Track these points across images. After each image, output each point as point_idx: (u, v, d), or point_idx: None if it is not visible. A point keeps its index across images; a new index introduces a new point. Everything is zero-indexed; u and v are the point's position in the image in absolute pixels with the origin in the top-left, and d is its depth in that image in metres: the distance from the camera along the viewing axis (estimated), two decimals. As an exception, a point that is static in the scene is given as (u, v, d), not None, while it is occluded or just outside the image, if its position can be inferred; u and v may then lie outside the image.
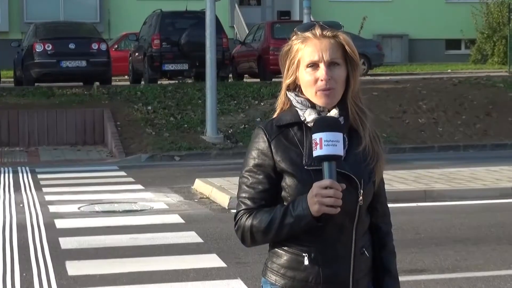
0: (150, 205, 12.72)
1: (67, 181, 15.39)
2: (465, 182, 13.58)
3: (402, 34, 38.59)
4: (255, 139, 3.24)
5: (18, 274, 8.58)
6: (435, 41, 38.82)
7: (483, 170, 14.85)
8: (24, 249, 9.70)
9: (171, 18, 25.43)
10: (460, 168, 15.29)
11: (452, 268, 8.73)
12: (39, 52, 23.65)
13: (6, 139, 20.59)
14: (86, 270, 8.77)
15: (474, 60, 37.71)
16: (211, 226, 10.95)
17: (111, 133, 20.12)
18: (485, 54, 37.67)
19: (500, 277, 8.35)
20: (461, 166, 15.67)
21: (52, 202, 12.98)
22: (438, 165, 15.96)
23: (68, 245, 9.95)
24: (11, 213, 11.99)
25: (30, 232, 10.71)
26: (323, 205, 3.04)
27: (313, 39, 3.21)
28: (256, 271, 7.85)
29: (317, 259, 3.18)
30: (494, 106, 21.91)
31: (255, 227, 3.17)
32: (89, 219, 11.71)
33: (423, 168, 15.38)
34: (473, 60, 37.82)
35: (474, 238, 10.09)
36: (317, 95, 3.19)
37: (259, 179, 3.21)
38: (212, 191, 13.22)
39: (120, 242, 10.11)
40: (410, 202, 12.37)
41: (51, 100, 21.86)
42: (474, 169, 15.04)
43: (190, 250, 9.62)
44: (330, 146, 3.05)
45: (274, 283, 3.25)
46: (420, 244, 9.67)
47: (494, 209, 12.03)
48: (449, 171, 14.80)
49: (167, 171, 16.76)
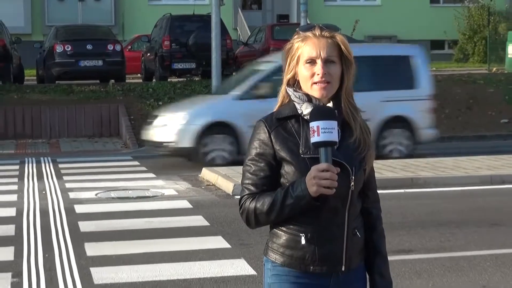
0: (161, 192, 12.73)
1: (86, 170, 15.40)
2: (449, 170, 13.58)
3: (391, 35, 38.56)
4: (256, 131, 3.26)
5: (41, 255, 8.61)
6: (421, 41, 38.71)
7: (465, 159, 14.85)
8: (47, 232, 9.72)
9: (180, 21, 25.41)
10: (444, 157, 15.29)
11: (436, 248, 8.74)
12: (59, 53, 23.66)
13: (29, 132, 20.62)
14: (103, 251, 8.79)
15: (457, 59, 37.69)
16: (217, 211, 10.96)
17: (125, 126, 20.14)
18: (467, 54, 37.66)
19: (480, 256, 8.36)
20: (444, 155, 15.66)
21: (72, 189, 13.00)
22: (423, 154, 15.95)
23: (87, 228, 9.97)
24: (35, 200, 12.01)
25: (52, 216, 10.73)
26: (321, 186, 3.06)
27: (313, 38, 3.23)
28: (258, 251, 7.87)
29: (313, 239, 3.20)
30: (475, 101, 21.90)
31: (259, 209, 3.19)
32: (106, 205, 11.72)
33: (409, 157, 15.38)
34: (455, 59, 37.80)
35: (456, 221, 10.10)
36: (313, 87, 3.22)
37: (260, 166, 3.23)
38: (217, 179, 13.23)
39: (134, 225, 10.13)
40: (398, 189, 12.37)
41: (71, 96, 21.88)
42: (456, 158, 15.04)
43: (198, 233, 9.63)
44: (327, 133, 3.08)
45: (274, 261, 3.27)
46: (407, 227, 9.69)
47: (475, 195, 12.04)
48: (433, 160, 14.80)
49: (177, 160, 16.75)
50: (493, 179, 12.99)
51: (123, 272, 7.87)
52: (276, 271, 3.26)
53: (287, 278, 3.24)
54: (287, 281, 3.24)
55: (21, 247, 8.97)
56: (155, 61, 25.07)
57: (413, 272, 7.68)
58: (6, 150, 18.98)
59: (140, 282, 7.54)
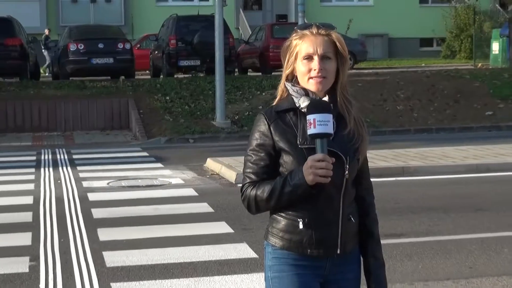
0: (168, 181, 12.74)
1: (98, 160, 15.42)
2: (437, 159, 13.59)
3: (383, 33, 38.55)
4: (257, 123, 3.26)
5: (57, 240, 8.61)
6: (411, 39, 38.79)
7: (452, 149, 14.85)
8: (62, 219, 9.73)
9: (185, 21, 25.40)
10: (432, 147, 15.29)
11: (426, 232, 8.75)
12: (72, 51, 23.67)
13: (45, 125, 20.64)
14: (114, 235, 8.80)
15: (444, 56, 37.71)
16: (221, 198, 10.97)
17: (135, 120, 20.15)
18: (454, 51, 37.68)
19: (466, 239, 8.37)
20: (433, 146, 15.67)
21: (85, 178, 13.01)
22: (413, 145, 15.96)
23: (99, 215, 9.98)
24: (51, 188, 12.02)
25: (67, 204, 10.74)
26: (317, 175, 3.06)
27: (310, 36, 3.22)
28: (259, 236, 7.87)
29: (310, 224, 3.20)
30: (462, 94, 21.90)
31: (259, 197, 3.19)
32: (117, 193, 11.73)
33: (401, 148, 15.39)
34: (443, 55, 37.81)
35: (444, 207, 10.10)
36: (310, 82, 3.21)
37: (261, 156, 3.23)
38: (221, 168, 13.24)
39: (143, 212, 10.14)
40: (390, 177, 12.38)
41: (84, 91, 21.88)
42: (444, 148, 15.04)
43: (203, 219, 9.64)
44: (322, 125, 3.08)
45: (274, 245, 3.27)
46: (398, 213, 9.69)
47: (462, 183, 12.04)
48: (423, 150, 14.80)
49: (183, 151, 16.78)
50: (479, 167, 12.99)
51: (133, 255, 7.87)
52: (276, 254, 3.26)
53: (286, 260, 3.24)
54: (286, 263, 3.24)
55: (38, 232, 8.98)
56: (163, 58, 25.08)
57: (404, 255, 7.69)
58: (24, 142, 19.00)
59: (149, 265, 7.54)
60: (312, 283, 3.24)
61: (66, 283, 6.97)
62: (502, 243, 8.16)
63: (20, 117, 20.62)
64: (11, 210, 10.34)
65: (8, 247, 8.32)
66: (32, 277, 7.21)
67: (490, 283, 6.82)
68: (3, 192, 11.78)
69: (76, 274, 7.27)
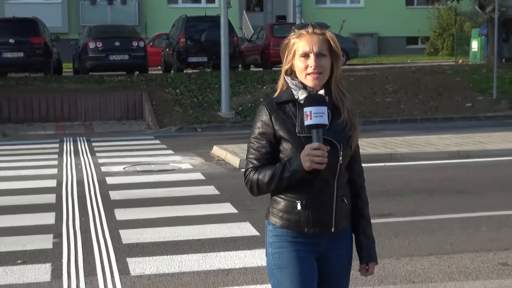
0: (178, 166, 12.74)
1: (115, 147, 15.42)
2: (422, 146, 13.58)
3: (373, 33, 38.46)
4: (259, 113, 3.25)
5: (78, 219, 8.62)
6: (398, 38, 38.72)
7: (436, 137, 14.84)
8: (82, 200, 9.74)
9: (194, 21, 25.34)
10: (417, 136, 15.29)
11: (412, 212, 8.75)
12: (92, 49, 23.65)
13: (67, 116, 20.64)
14: (130, 215, 8.80)
15: (428, 53, 37.64)
16: (226, 182, 10.97)
17: (148, 111, 20.14)
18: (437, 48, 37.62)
19: (449, 219, 8.37)
20: (418, 134, 15.66)
21: (103, 163, 13.01)
22: (400, 134, 15.95)
23: (116, 197, 9.99)
24: (72, 173, 12.03)
25: (87, 187, 10.75)
26: (313, 162, 3.05)
27: (306, 35, 3.21)
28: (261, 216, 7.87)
29: (307, 205, 3.19)
30: (444, 88, 21.87)
31: (260, 180, 3.18)
32: (132, 177, 11.74)
33: (389, 136, 15.38)
34: (427, 52, 37.74)
35: (429, 189, 10.10)
36: (307, 78, 3.20)
37: (262, 144, 3.22)
38: (226, 155, 13.24)
39: (156, 194, 10.15)
40: (379, 162, 12.38)
41: (102, 85, 21.87)
42: (428, 136, 15.03)
43: (210, 200, 9.65)
44: (318, 117, 3.07)
45: (274, 224, 3.26)
46: (386, 195, 9.70)
47: (444, 168, 12.04)
48: (409, 138, 14.80)
49: (192, 139, 16.78)
50: (460, 154, 12.98)
51: (147, 233, 7.88)
52: (276, 232, 3.26)
53: (285, 238, 3.23)
54: (285, 241, 3.23)
55: (61, 212, 8.99)
56: (173, 55, 25.04)
57: (391, 233, 7.69)
58: (48, 131, 19.01)
59: (161, 241, 7.55)
60: (308, 258, 3.24)
61: (86, 258, 6.98)
62: (481, 222, 8.17)
63: (45, 109, 20.63)
64: (37, 192, 10.35)
65: (34, 226, 8.34)
66: (56, 252, 7.22)
67: (469, 258, 6.83)
68: (29, 176, 11.79)
69: (95, 250, 7.28)
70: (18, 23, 23.77)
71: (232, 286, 6.10)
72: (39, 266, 6.77)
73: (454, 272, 6.45)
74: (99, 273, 6.52)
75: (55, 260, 6.94)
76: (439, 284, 6.14)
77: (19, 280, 6.39)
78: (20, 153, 14.72)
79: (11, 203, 9.64)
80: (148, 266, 6.70)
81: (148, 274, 6.47)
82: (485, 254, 6.96)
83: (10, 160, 13.76)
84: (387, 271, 6.40)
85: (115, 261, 6.87)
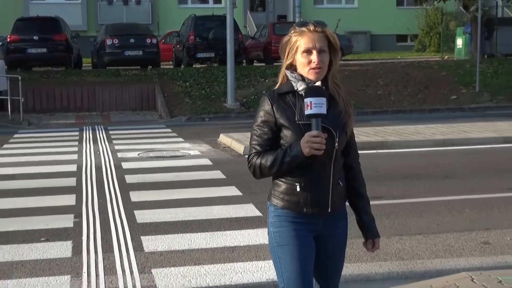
0: (188, 152, 12.73)
1: (130, 135, 15.42)
2: (410, 135, 13.56)
3: (366, 31, 38.36)
4: (262, 103, 3.23)
5: (96, 201, 8.63)
6: (389, 36, 38.62)
7: (423, 127, 14.82)
8: (100, 184, 9.75)
9: (202, 20, 25.29)
10: (407, 125, 15.27)
11: (401, 195, 8.74)
12: (109, 45, 23.62)
13: (86, 106, 20.65)
14: (144, 197, 8.81)
15: (417, 50, 37.54)
16: (231, 167, 10.97)
17: (160, 102, 20.13)
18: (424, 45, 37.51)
19: (435, 201, 8.36)
20: (407, 124, 15.64)
21: (119, 150, 13.01)
22: (391, 123, 15.93)
23: (131, 180, 9.99)
24: (91, 158, 12.03)
25: (104, 171, 10.75)
26: (312, 149, 3.03)
27: (308, 32, 3.18)
28: (263, 198, 7.88)
29: (306, 187, 3.17)
30: (431, 81, 21.82)
31: (263, 165, 3.17)
32: (146, 162, 11.74)
33: (380, 126, 15.36)
34: (416, 49, 37.64)
35: (417, 175, 10.09)
36: (309, 72, 3.18)
37: (265, 131, 3.20)
38: (232, 142, 13.23)
39: (167, 178, 10.15)
40: (371, 150, 12.36)
41: (118, 78, 21.85)
42: (416, 126, 15.01)
43: (216, 184, 9.64)
44: (317, 107, 3.05)
45: (276, 205, 3.25)
46: (378, 179, 9.68)
47: (431, 154, 12.02)
48: (399, 128, 14.78)
49: (200, 128, 16.77)
50: (445, 142, 12.97)
51: (159, 214, 7.89)
52: (277, 213, 3.24)
53: (285, 218, 3.22)
54: (285, 220, 3.22)
55: (81, 194, 9.00)
56: (183, 51, 25.00)
57: (382, 214, 7.68)
58: (69, 120, 19.02)
59: (172, 221, 7.56)
60: (307, 236, 3.23)
61: (104, 236, 6.99)
62: (464, 205, 8.16)
63: (66, 100, 20.63)
64: (59, 176, 10.36)
65: (56, 207, 8.34)
66: (76, 231, 7.23)
67: (454, 237, 6.82)
68: (52, 161, 11.80)
69: (112, 228, 7.29)
70: (42, 22, 23.77)
71: (237, 262, 6.10)
72: (61, 243, 6.77)
73: (440, 250, 6.44)
74: (115, 250, 6.53)
75: (76, 238, 6.94)
76: (426, 261, 6.13)
77: (43, 256, 6.40)
78: (44, 140, 14.73)
79: (36, 186, 9.65)
80: (160, 243, 6.71)
81: (160, 251, 6.47)
82: (468, 233, 6.95)
83: (34, 146, 13.77)
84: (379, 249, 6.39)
85: (130, 239, 6.88)
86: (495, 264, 6.00)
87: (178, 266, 6.02)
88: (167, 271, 5.90)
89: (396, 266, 5.99)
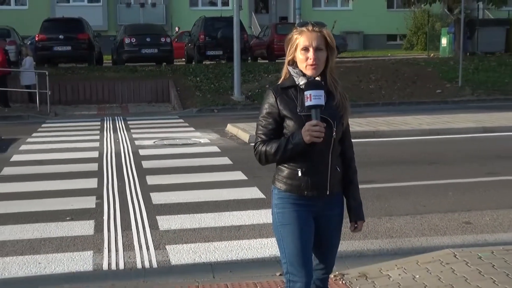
0: (199, 140, 12.73)
1: (146, 125, 15.41)
2: (399, 125, 13.52)
3: (359, 31, 38.23)
4: (267, 96, 3.22)
5: (116, 184, 8.64)
6: (380, 35, 38.51)
7: (411, 118, 14.78)
8: (119, 168, 9.75)
9: (211, 21, 25.22)
10: (396, 117, 15.22)
11: (391, 180, 8.73)
12: (127, 44, 23.57)
13: (107, 99, 20.65)
14: (159, 181, 8.81)
15: (405, 48, 37.42)
16: (238, 154, 10.96)
17: (173, 95, 20.11)
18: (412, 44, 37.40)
19: (422, 185, 8.35)
20: (396, 115, 15.60)
21: (137, 138, 13.02)
22: (381, 115, 15.89)
23: (148, 166, 9.99)
24: (111, 146, 12.03)
25: (123, 157, 10.76)
26: (312, 137, 3.02)
27: (307, 32, 3.16)
28: (267, 182, 7.88)
29: (307, 172, 3.16)
30: (418, 77, 21.75)
31: (268, 152, 3.15)
32: (161, 149, 11.74)
33: (372, 117, 15.33)
34: (404, 48, 37.53)
35: (405, 161, 10.07)
36: (307, 68, 3.16)
37: (269, 121, 3.19)
38: (238, 132, 13.22)
39: (180, 164, 10.15)
40: (363, 138, 12.34)
41: (135, 74, 21.83)
42: (405, 117, 14.97)
43: (224, 169, 9.64)
44: (317, 99, 3.04)
45: (279, 188, 3.24)
46: (370, 165, 9.66)
47: (418, 143, 11.99)
48: (389, 119, 14.74)
49: (209, 119, 16.75)
50: (431, 131, 12.93)
51: (173, 196, 7.89)
52: (281, 195, 3.23)
53: (288, 200, 3.21)
54: (288, 202, 3.21)
55: (102, 178, 9.01)
56: (194, 49, 24.95)
57: (374, 196, 7.67)
58: (91, 111, 19.02)
59: (184, 202, 7.56)
60: (307, 217, 3.22)
61: (123, 216, 7.00)
62: (448, 188, 8.14)
63: (88, 93, 20.63)
64: (82, 162, 10.37)
65: (80, 189, 8.35)
66: (98, 211, 7.24)
67: (438, 218, 6.81)
68: (76, 148, 11.81)
69: (130, 209, 7.30)
70: (67, 22, 23.77)
71: (242, 240, 6.11)
72: (84, 222, 6.79)
73: (426, 229, 6.44)
74: (133, 228, 6.54)
75: (97, 217, 6.96)
76: (413, 239, 6.13)
77: (68, 233, 6.41)
78: (68, 130, 14.74)
79: (61, 171, 9.66)
80: (173, 222, 6.71)
81: (173, 229, 6.48)
82: (451, 214, 6.94)
83: (60, 135, 13.78)
84: (370, 228, 6.39)
85: (147, 218, 6.89)
86: (475, 242, 5.99)
87: (189, 243, 6.03)
88: (180, 247, 5.91)
89: (386, 244, 5.98)
